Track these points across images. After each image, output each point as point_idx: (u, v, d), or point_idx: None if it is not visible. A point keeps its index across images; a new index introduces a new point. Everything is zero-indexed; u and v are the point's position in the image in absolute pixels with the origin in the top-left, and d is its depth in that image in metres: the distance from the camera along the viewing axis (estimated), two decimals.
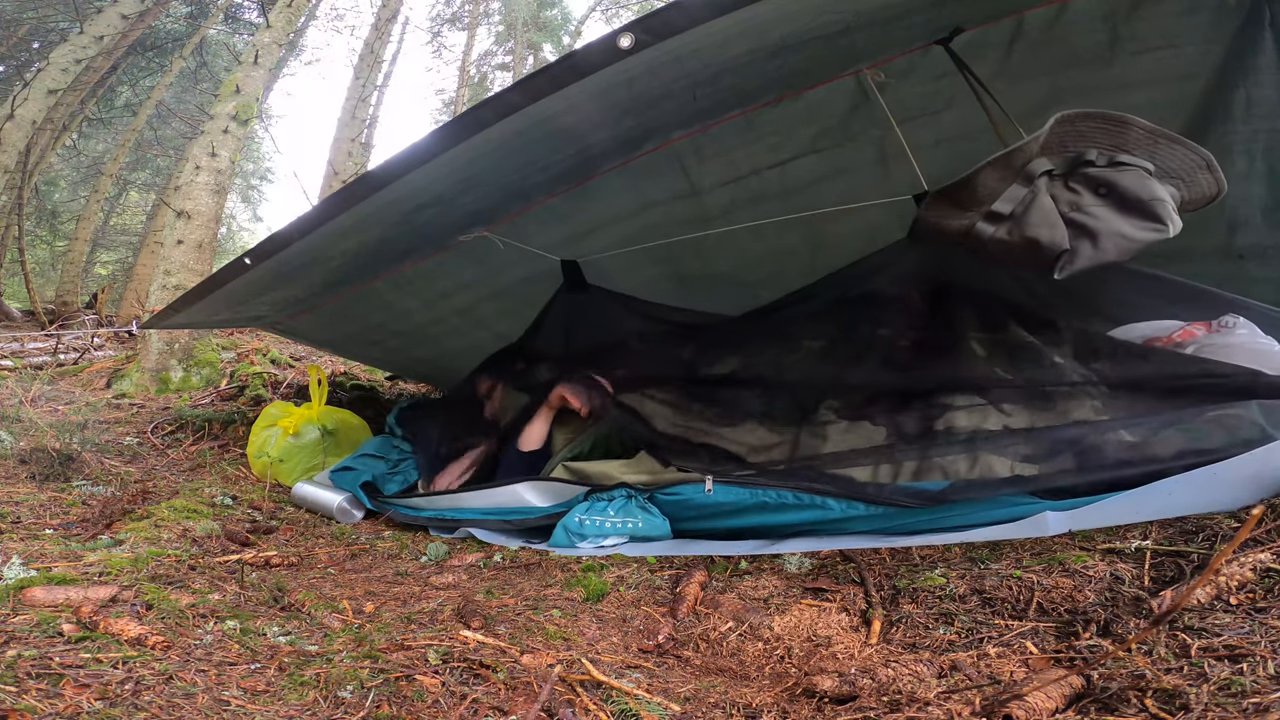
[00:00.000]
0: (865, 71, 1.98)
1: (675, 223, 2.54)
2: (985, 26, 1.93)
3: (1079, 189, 1.46)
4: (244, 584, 1.36)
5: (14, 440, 2.14)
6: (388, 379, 4.34)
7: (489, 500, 1.93)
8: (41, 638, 0.98)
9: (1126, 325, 1.82)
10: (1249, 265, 2.13)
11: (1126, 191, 1.42)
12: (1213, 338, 1.64)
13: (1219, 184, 1.49)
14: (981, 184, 1.47)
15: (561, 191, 2.34)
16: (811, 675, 0.98)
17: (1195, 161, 1.48)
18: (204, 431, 2.77)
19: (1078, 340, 1.73)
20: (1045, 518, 1.33)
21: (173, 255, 3.94)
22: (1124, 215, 1.42)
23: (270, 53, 4.86)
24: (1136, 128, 1.44)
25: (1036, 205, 1.44)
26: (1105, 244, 1.42)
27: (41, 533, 1.52)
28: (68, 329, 6.13)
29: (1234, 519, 1.18)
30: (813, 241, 2.55)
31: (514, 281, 2.67)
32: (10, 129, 5.74)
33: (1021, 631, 1.01)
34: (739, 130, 2.22)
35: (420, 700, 0.92)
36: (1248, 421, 1.36)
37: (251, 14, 10.01)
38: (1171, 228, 1.41)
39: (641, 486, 1.79)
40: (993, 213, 1.49)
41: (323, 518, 2.08)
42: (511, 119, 1.49)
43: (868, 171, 2.37)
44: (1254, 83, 1.82)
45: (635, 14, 10.87)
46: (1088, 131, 1.46)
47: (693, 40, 1.37)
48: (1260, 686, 0.72)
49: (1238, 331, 1.63)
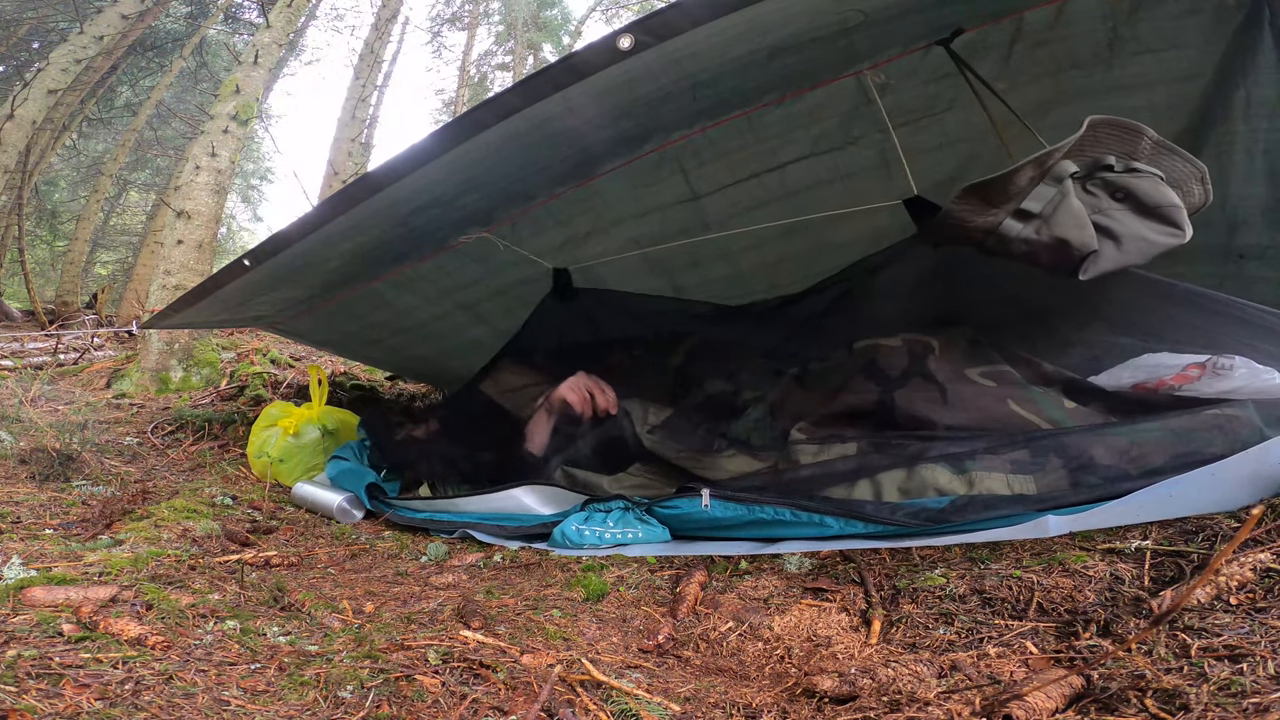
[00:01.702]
0: (865, 73, 1.98)
1: (674, 229, 2.54)
2: (985, 27, 1.93)
3: (1097, 192, 1.47)
4: (244, 584, 1.36)
5: (14, 440, 2.14)
6: (388, 379, 4.34)
7: (489, 505, 1.93)
8: (41, 638, 0.98)
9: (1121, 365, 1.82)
10: (1249, 265, 2.13)
11: (1145, 197, 1.44)
12: (1212, 383, 1.62)
13: (1207, 196, 1.54)
14: (1015, 181, 1.48)
15: (561, 193, 2.34)
16: (811, 675, 0.98)
17: (1192, 173, 1.52)
18: (204, 431, 2.77)
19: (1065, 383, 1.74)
20: (1046, 521, 1.33)
21: (173, 255, 3.94)
22: (1143, 219, 1.43)
23: (270, 53, 4.86)
24: (1147, 138, 1.46)
25: (1066, 205, 1.46)
26: (1128, 246, 1.44)
27: (41, 533, 1.52)
28: (68, 329, 6.13)
29: (1234, 519, 1.18)
30: (813, 249, 2.55)
31: (514, 281, 2.68)
32: (10, 129, 5.74)
33: (1021, 631, 1.01)
34: (739, 132, 2.22)
35: (420, 700, 0.92)
36: (1246, 423, 1.36)
37: (251, 14, 10.01)
38: (1187, 232, 1.43)
39: (638, 498, 1.79)
40: (1022, 210, 1.49)
41: (323, 518, 2.08)
42: (511, 120, 1.49)
43: (870, 175, 2.36)
44: (1254, 83, 1.82)
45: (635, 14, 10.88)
46: (1104, 137, 1.48)
47: (693, 41, 1.37)
48: (1260, 686, 0.72)
49: (1236, 374, 1.60)
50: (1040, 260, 1.52)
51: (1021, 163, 1.45)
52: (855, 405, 1.87)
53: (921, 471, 1.55)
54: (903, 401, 1.78)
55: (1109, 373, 1.82)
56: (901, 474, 1.57)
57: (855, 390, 1.90)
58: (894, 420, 1.78)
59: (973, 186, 1.53)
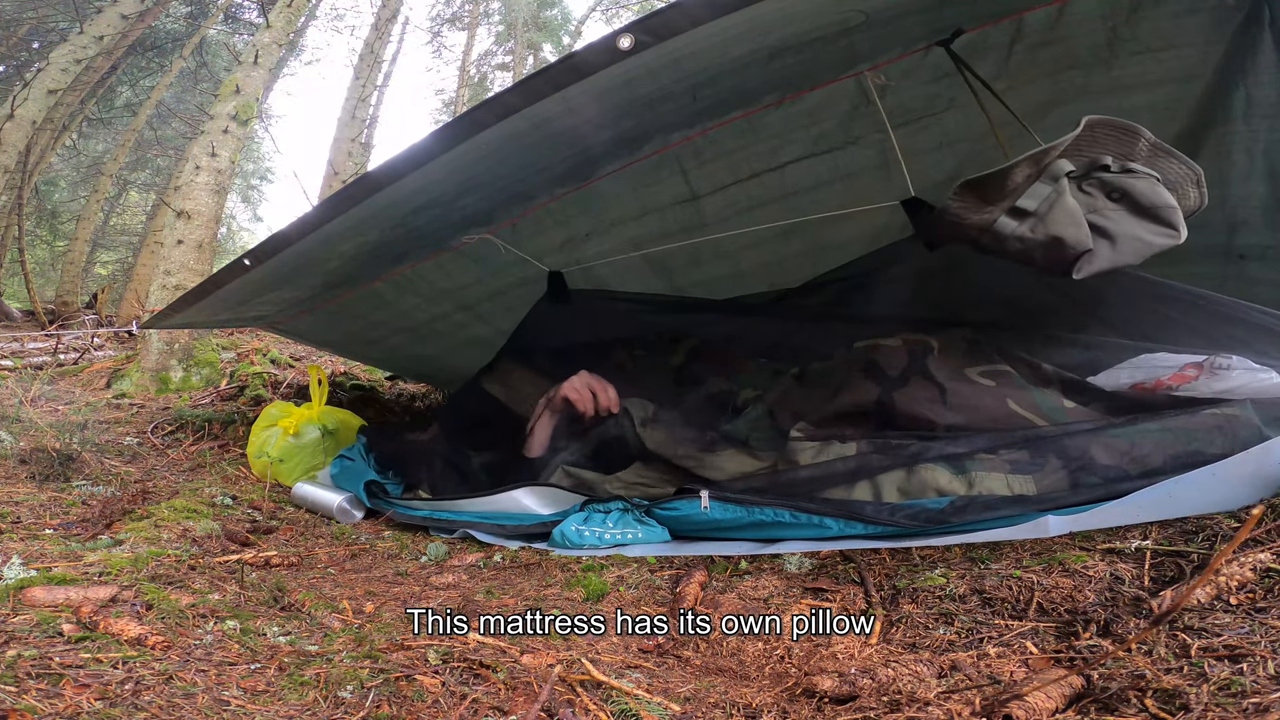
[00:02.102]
0: (865, 74, 1.98)
1: (674, 229, 2.55)
2: (985, 27, 1.93)
3: (1093, 192, 1.47)
4: (244, 584, 1.36)
5: (14, 440, 2.14)
6: (388, 379, 4.34)
7: (490, 506, 1.93)
8: (41, 638, 0.98)
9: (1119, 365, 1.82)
10: (1249, 265, 2.13)
11: (1140, 197, 1.43)
12: (1210, 383, 1.62)
13: (1203, 199, 1.53)
14: (1012, 179, 1.48)
15: (561, 194, 2.34)
16: (811, 675, 0.98)
17: (1188, 176, 1.51)
18: (204, 431, 2.77)
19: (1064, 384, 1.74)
20: (1046, 521, 1.33)
21: (173, 255, 3.94)
22: (1138, 219, 1.43)
23: (270, 53, 4.86)
24: (1144, 140, 1.46)
25: (1061, 204, 1.45)
26: (1123, 246, 1.43)
27: (41, 533, 1.52)
28: (68, 329, 6.13)
29: (1234, 519, 1.18)
30: (812, 249, 2.55)
31: (514, 281, 2.68)
32: (10, 129, 5.75)
33: (1021, 631, 1.01)
34: (739, 133, 2.22)
35: (420, 700, 0.92)
36: (1245, 422, 1.36)
37: (251, 14, 10.01)
38: (1183, 233, 1.43)
39: (638, 500, 1.79)
40: (1017, 208, 1.49)
41: (323, 518, 2.08)
42: (510, 120, 1.49)
43: (870, 176, 2.36)
44: (1254, 83, 1.82)
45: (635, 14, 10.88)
46: (1101, 137, 1.47)
47: (693, 41, 1.37)
48: (1260, 686, 0.72)
49: (1234, 374, 1.60)
50: (1035, 259, 1.51)
51: (1018, 159, 1.45)
52: (855, 405, 1.87)
53: (921, 472, 1.55)
54: (902, 401, 1.78)
55: (1108, 373, 1.82)
56: (901, 475, 1.57)
57: (855, 390, 1.90)
58: (893, 420, 1.78)
59: (969, 182, 1.53)
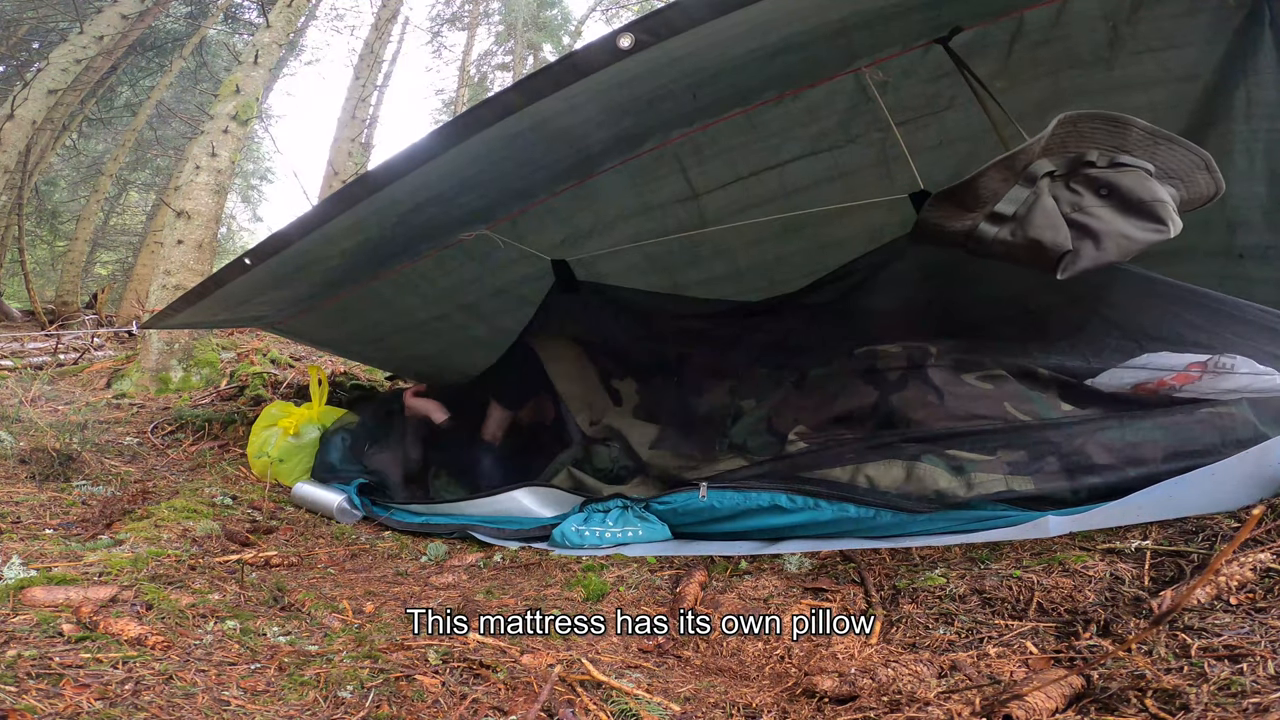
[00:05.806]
0: (865, 70, 1.98)
1: (674, 226, 2.54)
2: (985, 26, 1.92)
3: (1080, 190, 1.46)
4: (244, 584, 1.36)
5: (14, 440, 2.14)
6: (388, 379, 4.34)
7: (491, 508, 1.93)
8: (41, 638, 0.98)
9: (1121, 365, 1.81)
10: (1249, 265, 2.12)
11: (1128, 192, 1.42)
12: (1213, 383, 1.60)
13: (1217, 184, 1.49)
14: (984, 185, 1.47)
15: (561, 191, 2.34)
16: (811, 675, 0.98)
17: (1194, 162, 1.48)
18: (204, 431, 2.77)
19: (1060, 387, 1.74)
20: (1046, 521, 1.33)
21: (173, 255, 3.94)
22: (1125, 216, 1.42)
23: (270, 53, 4.86)
24: (1136, 128, 1.44)
25: (1039, 207, 1.45)
26: (1107, 244, 1.42)
27: (41, 533, 1.52)
28: (68, 329, 6.13)
29: (1234, 519, 1.18)
30: (811, 246, 2.55)
31: (514, 279, 2.68)
32: (10, 129, 5.74)
33: (1021, 631, 1.01)
34: (739, 130, 2.22)
35: (420, 700, 0.92)
36: (1240, 420, 1.36)
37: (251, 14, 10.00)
38: (1172, 228, 1.41)
39: (636, 496, 1.79)
40: (995, 214, 1.49)
41: (323, 518, 2.08)
42: (511, 119, 1.49)
43: (869, 174, 2.36)
44: (1254, 83, 1.82)
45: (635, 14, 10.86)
46: (1088, 132, 1.46)
47: (692, 40, 1.37)
48: (1260, 686, 0.72)
49: (1237, 373, 1.58)
50: (1020, 260, 1.51)
51: (985, 166, 1.44)
52: (853, 409, 1.87)
53: (920, 471, 1.56)
54: (900, 405, 1.79)
55: (1109, 373, 1.81)
56: (901, 474, 1.57)
57: (853, 393, 1.90)
58: (892, 424, 1.78)
59: (943, 193, 1.53)
